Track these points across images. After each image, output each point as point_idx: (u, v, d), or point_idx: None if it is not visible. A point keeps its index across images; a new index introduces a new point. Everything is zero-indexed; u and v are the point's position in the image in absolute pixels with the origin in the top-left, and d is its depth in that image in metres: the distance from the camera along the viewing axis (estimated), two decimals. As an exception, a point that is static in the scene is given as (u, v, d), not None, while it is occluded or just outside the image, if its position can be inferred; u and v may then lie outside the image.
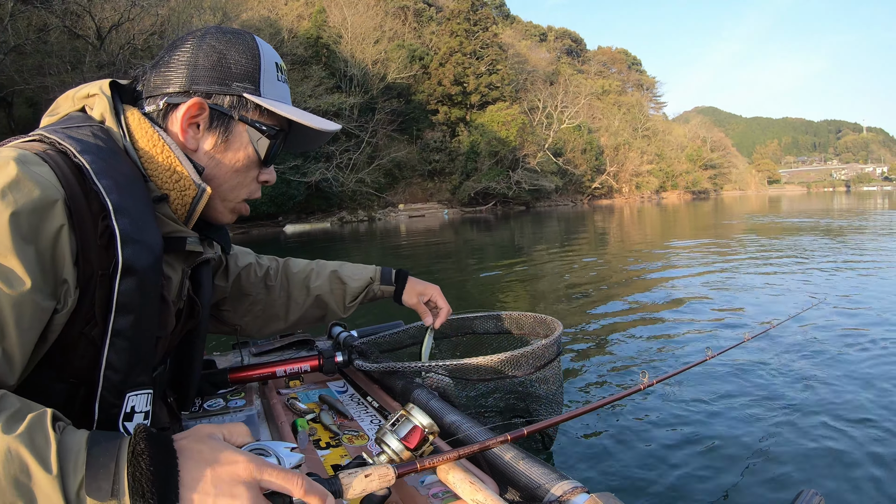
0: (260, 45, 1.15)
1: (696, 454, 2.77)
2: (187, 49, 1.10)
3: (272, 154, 1.20)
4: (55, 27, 27.44)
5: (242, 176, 1.19)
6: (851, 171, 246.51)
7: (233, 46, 1.11)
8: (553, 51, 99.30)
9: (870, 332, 4.70)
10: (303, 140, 1.29)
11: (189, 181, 1.08)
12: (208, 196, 1.12)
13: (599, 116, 78.80)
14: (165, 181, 1.07)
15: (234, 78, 1.11)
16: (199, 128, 1.10)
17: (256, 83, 1.13)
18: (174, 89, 1.08)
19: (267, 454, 0.87)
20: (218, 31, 1.13)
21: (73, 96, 1.09)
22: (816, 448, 2.79)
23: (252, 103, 1.13)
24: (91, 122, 1.01)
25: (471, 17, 56.88)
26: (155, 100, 1.09)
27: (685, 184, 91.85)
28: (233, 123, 1.13)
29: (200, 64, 1.09)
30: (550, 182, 57.86)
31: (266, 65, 1.15)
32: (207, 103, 1.09)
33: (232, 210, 1.22)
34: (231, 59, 1.10)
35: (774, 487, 2.46)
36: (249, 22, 39.08)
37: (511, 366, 1.71)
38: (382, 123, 47.80)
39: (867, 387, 3.50)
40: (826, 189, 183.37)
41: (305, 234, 29.35)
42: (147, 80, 1.11)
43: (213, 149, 1.12)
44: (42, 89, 26.49)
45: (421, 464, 1.03)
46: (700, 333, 5.02)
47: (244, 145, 1.15)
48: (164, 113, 1.09)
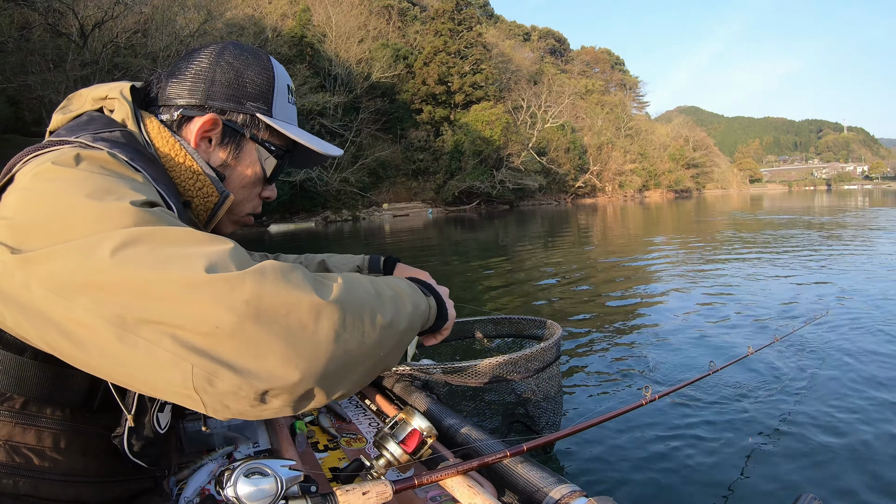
0: (275, 67, 1.17)
1: (695, 459, 2.80)
2: (205, 62, 1.12)
3: (277, 173, 1.24)
4: (38, 25, 27.11)
5: (248, 191, 1.21)
6: (832, 170, 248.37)
7: (250, 66, 1.13)
8: (537, 50, 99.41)
9: (870, 341, 4.69)
10: (303, 160, 1.32)
11: (212, 188, 1.10)
12: (230, 202, 1.14)
13: (583, 116, 79.00)
14: (189, 188, 1.08)
15: (248, 97, 1.13)
16: (212, 142, 1.12)
17: (269, 104, 1.15)
18: (190, 102, 1.10)
19: (265, 472, 0.89)
20: (236, 48, 1.15)
21: (89, 96, 1.08)
22: (815, 453, 2.83)
23: (263, 123, 1.15)
24: (116, 125, 1.01)
25: (455, 17, 56.84)
26: (170, 109, 1.10)
27: (668, 183, 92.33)
28: (244, 141, 1.15)
29: (217, 80, 1.11)
30: (534, 181, 57.92)
31: (279, 86, 1.17)
32: (222, 119, 1.11)
33: (235, 223, 1.24)
34: (247, 79, 1.12)
35: (773, 492, 2.49)
36: (234, 20, 38.85)
37: (510, 369, 1.72)
38: (367, 123, 47.74)
39: (867, 394, 3.53)
40: (807, 188, 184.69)
41: (290, 233, 29.20)
42: (162, 88, 1.12)
43: (223, 164, 1.14)
44: (24, 88, 26.19)
45: (419, 479, 1.04)
46: (702, 341, 5.01)
47: (252, 163, 1.17)
48: (179, 123, 1.10)
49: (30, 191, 0.79)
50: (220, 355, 0.68)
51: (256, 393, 0.70)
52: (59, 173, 0.80)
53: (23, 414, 0.87)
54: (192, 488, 1.27)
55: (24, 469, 0.86)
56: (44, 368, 0.87)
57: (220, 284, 0.69)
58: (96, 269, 0.68)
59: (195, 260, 0.71)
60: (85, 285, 0.69)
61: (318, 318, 0.73)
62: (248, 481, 0.87)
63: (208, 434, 1.47)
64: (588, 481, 2.59)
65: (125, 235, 0.71)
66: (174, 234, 0.74)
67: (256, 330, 0.69)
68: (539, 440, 1.27)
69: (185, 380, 0.68)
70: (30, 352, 0.85)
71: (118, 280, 0.68)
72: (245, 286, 0.70)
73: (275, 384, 0.70)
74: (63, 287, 0.69)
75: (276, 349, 0.70)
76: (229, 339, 0.68)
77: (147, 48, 31.88)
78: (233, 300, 0.69)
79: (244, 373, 0.69)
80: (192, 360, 0.68)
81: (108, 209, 0.74)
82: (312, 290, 0.75)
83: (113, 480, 0.98)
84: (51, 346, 0.74)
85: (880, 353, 4.37)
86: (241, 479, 0.87)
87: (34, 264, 0.71)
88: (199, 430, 1.46)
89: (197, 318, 0.68)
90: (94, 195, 0.76)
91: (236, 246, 0.77)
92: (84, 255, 0.69)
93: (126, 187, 0.81)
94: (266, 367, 0.70)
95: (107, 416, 0.96)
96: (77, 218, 0.73)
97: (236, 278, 0.70)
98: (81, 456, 0.93)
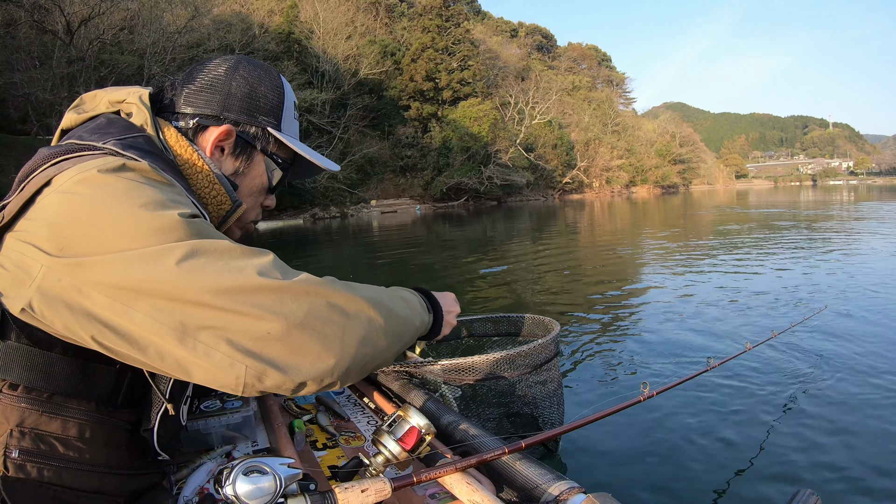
0: (284, 85, 1.25)
1: (693, 454, 2.82)
2: (221, 75, 1.17)
3: (280, 183, 1.30)
4: (23, 22, 26.82)
5: (255, 200, 1.27)
6: (818, 165, 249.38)
7: (262, 82, 1.19)
8: (524, 47, 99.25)
9: (869, 337, 4.69)
10: (300, 172, 1.38)
11: (225, 196, 1.15)
12: (243, 210, 1.20)
13: (570, 112, 79.01)
14: (205, 195, 1.13)
15: (261, 111, 1.19)
16: (224, 151, 1.17)
17: (279, 119, 1.22)
18: (206, 111, 1.14)
19: (264, 471, 0.89)
20: (250, 63, 1.21)
21: (105, 98, 1.11)
22: (814, 449, 2.85)
23: (273, 137, 1.22)
24: (136, 130, 1.04)
25: (443, 13, 56.69)
26: (185, 117, 1.14)
27: (655, 178, 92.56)
28: (254, 153, 1.21)
29: (233, 93, 1.16)
30: (522, 177, 57.96)
31: (288, 103, 1.24)
32: (236, 131, 1.17)
33: (241, 228, 1.30)
34: (260, 94, 1.19)
35: (771, 487, 2.51)
36: (221, 17, 38.58)
37: (507, 365, 1.73)
38: (354, 119, 47.50)
39: (866, 390, 3.55)
40: (793, 183, 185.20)
41: (278, 230, 29.05)
42: (177, 95, 1.16)
43: (234, 173, 1.20)
44: (10, 85, 25.91)
45: (417, 477, 1.05)
46: (700, 336, 5.02)
47: (261, 174, 1.24)
48: (195, 131, 1.14)
49: (76, 195, 0.82)
50: (269, 356, 0.81)
51: (295, 385, 0.84)
52: (107, 180, 0.84)
53: (49, 403, 0.89)
54: (191, 487, 1.27)
55: (48, 457, 0.88)
56: (72, 364, 0.90)
57: (270, 294, 0.82)
58: (163, 278, 0.76)
59: (246, 271, 0.82)
60: (150, 292, 0.76)
61: (348, 326, 0.88)
62: (247, 480, 0.88)
63: (207, 433, 1.47)
64: (586, 477, 2.60)
65: (188, 248, 0.79)
66: (224, 246, 0.84)
67: (300, 335, 0.82)
68: (537, 437, 1.28)
69: (238, 377, 0.80)
70: (59, 347, 0.88)
71: (182, 289, 0.77)
72: (291, 297, 0.83)
73: (311, 377, 0.84)
74: (126, 293, 0.76)
75: (315, 349, 0.84)
76: (278, 342, 0.81)
77: (134, 45, 31.59)
78: (282, 310, 0.81)
79: (288, 370, 0.82)
80: (246, 361, 0.79)
81: (162, 220, 0.81)
82: (346, 302, 0.90)
83: (132, 473, 1.01)
84: (104, 345, 0.79)
85: (879, 348, 4.39)
86: (240, 478, 0.88)
87: (88, 269, 0.77)
88: (197, 430, 1.46)
89: (252, 325, 0.80)
90: (148, 206, 0.82)
91: (275, 257, 0.89)
92: (151, 265, 0.77)
93: (172, 199, 0.87)
94: (305, 364, 0.83)
95: (130, 411, 0.99)
96: (133, 228, 0.79)
97: (284, 289, 0.83)
98: (105, 447, 0.95)
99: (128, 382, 0.97)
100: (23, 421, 0.86)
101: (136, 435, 1.00)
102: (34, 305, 0.78)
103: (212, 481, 1.29)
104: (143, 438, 1.00)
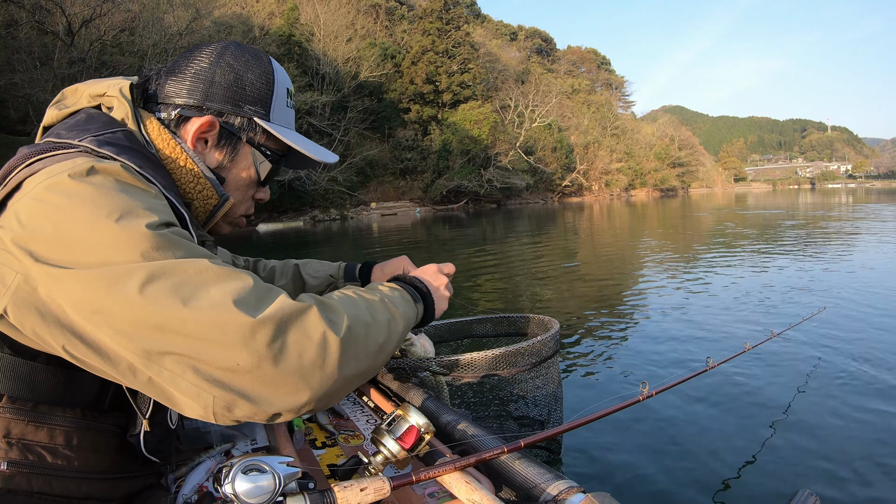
0: (275, 70, 1.17)
1: (692, 454, 2.82)
2: (205, 62, 1.10)
3: (272, 176, 1.24)
4: (25, 22, 26.87)
5: (243, 193, 1.21)
6: (816, 168, 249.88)
7: (250, 69, 1.13)
8: (523, 50, 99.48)
9: (868, 337, 4.71)
10: (297, 162, 1.31)
11: (211, 191, 1.11)
12: (230, 205, 1.15)
13: (569, 115, 79.21)
14: (189, 190, 1.09)
15: (247, 101, 1.12)
16: (208, 143, 1.12)
17: (267, 108, 1.15)
18: (188, 102, 1.09)
19: (263, 469, 0.89)
20: (238, 48, 1.14)
21: (85, 92, 1.07)
22: (812, 449, 2.84)
23: (260, 127, 1.15)
24: (116, 125, 1.00)
25: (443, 16, 56.82)
26: (168, 108, 1.09)
27: (654, 181, 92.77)
28: (240, 144, 1.15)
29: (217, 81, 1.09)
30: (522, 180, 58.06)
31: (279, 90, 1.17)
32: (219, 122, 1.10)
33: (230, 224, 1.25)
34: (247, 82, 1.12)
35: (770, 487, 2.50)
36: (222, 19, 38.64)
37: (507, 362, 1.72)
38: (354, 122, 47.64)
39: (865, 390, 3.55)
40: (791, 186, 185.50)
41: (278, 233, 29.07)
42: (161, 85, 1.11)
43: (219, 166, 1.14)
44: (11, 86, 25.93)
45: (416, 476, 1.04)
46: (699, 336, 5.02)
47: (248, 166, 1.18)
48: (176, 122, 1.09)
49: (45, 203, 0.79)
50: (238, 388, 0.76)
51: (268, 416, 0.80)
52: (75, 187, 0.81)
53: (35, 412, 0.88)
54: (189, 485, 1.26)
55: (37, 466, 0.87)
56: (56, 373, 0.89)
57: (242, 327, 0.75)
58: (123, 302, 0.73)
59: (217, 299, 0.76)
60: (111, 317, 0.73)
61: (326, 355, 0.81)
62: (245, 478, 0.87)
63: (206, 431, 1.47)
64: (585, 477, 2.61)
65: (150, 270, 0.75)
66: (195, 267, 0.79)
67: (273, 369, 0.77)
68: (536, 436, 1.28)
69: (206, 407, 0.76)
70: (42, 357, 0.87)
71: (144, 316, 0.73)
72: (264, 331, 0.76)
73: (284, 409, 0.80)
74: (89, 313, 0.74)
75: (290, 382, 0.78)
76: (248, 374, 0.76)
77: (135, 46, 31.66)
78: (253, 344, 0.75)
79: (259, 402, 0.78)
80: (213, 392, 0.75)
81: (127, 234, 0.77)
82: (322, 331, 0.82)
83: (123, 476, 1.00)
84: (75, 356, 0.78)
85: (878, 349, 4.39)
86: (239, 476, 0.87)
87: (58, 282, 0.74)
88: (196, 428, 1.46)
89: (219, 355, 0.75)
90: (113, 216, 0.78)
91: (256, 280, 0.83)
92: (110, 288, 0.73)
93: (142, 206, 0.83)
94: (278, 396, 0.78)
95: (117, 415, 0.98)
96: (98, 240, 0.76)
97: (257, 323, 0.76)
98: (93, 453, 0.94)
99: (114, 387, 0.95)
100: (9, 432, 0.86)
101: (125, 438, 0.98)
102: (8, 312, 0.77)
103: (211, 479, 1.28)
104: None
